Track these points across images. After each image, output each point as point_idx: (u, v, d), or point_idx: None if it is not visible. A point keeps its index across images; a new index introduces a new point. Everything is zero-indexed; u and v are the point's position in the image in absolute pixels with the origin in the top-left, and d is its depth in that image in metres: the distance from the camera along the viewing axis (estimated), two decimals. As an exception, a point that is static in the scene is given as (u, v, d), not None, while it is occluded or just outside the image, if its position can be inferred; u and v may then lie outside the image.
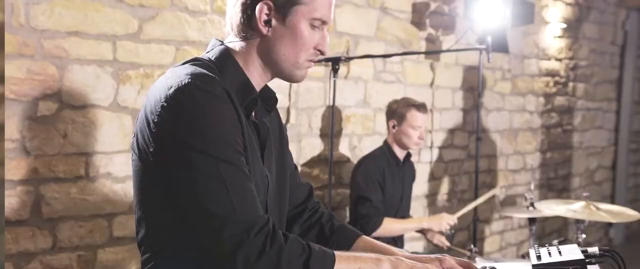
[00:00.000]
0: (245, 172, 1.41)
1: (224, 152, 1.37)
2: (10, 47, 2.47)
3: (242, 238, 1.34)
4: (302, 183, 1.86)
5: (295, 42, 1.51)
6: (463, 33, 4.18)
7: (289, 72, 1.56)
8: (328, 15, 1.54)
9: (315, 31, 1.53)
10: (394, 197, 3.42)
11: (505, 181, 5.36)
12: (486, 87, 5.02)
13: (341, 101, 3.80)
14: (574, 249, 1.62)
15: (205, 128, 1.37)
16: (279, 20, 1.50)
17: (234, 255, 1.34)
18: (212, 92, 1.40)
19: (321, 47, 1.55)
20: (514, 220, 5.44)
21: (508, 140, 5.37)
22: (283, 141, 1.74)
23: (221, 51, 1.55)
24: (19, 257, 2.55)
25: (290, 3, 1.49)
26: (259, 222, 1.37)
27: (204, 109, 1.38)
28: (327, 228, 1.77)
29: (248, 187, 1.39)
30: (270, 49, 1.53)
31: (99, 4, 2.70)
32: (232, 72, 1.52)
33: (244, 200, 1.37)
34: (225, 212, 1.35)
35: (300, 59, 1.53)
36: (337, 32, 3.74)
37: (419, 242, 4.42)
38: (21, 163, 2.53)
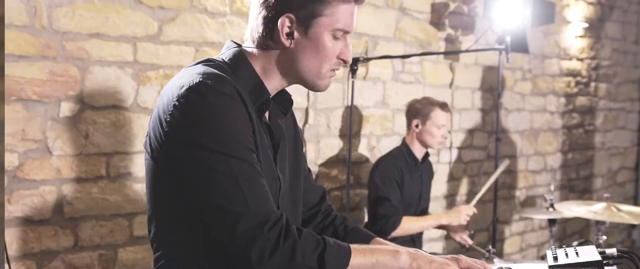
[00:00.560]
0: (257, 168, 1.42)
1: (235, 150, 1.39)
2: (33, 49, 2.51)
3: (255, 233, 1.36)
4: (316, 186, 1.87)
5: (317, 54, 1.51)
6: (482, 33, 4.15)
7: (312, 83, 1.57)
8: (350, 24, 1.53)
9: (338, 41, 1.53)
10: (412, 197, 3.42)
11: (526, 182, 5.33)
12: (506, 88, 4.99)
13: (360, 102, 3.81)
14: (591, 250, 1.61)
15: (216, 126, 1.38)
16: (301, 33, 1.51)
17: (249, 250, 1.36)
18: (223, 91, 1.41)
19: (344, 56, 1.55)
20: (534, 221, 5.39)
21: (528, 141, 5.33)
22: (298, 144, 1.75)
23: (235, 53, 1.56)
24: (41, 256, 2.59)
25: (312, 15, 1.49)
26: (273, 217, 1.38)
27: (215, 107, 1.39)
28: (340, 229, 1.78)
29: (260, 183, 1.41)
30: (292, 61, 1.53)
31: (119, 6, 2.73)
32: (246, 74, 1.53)
33: (257, 196, 1.39)
34: (238, 208, 1.37)
35: (323, 70, 1.54)
36: (355, 33, 3.74)
37: (438, 243, 4.41)
38: (44, 163, 2.58)
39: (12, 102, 2.48)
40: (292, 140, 1.72)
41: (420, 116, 3.38)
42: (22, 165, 2.53)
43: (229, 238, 1.37)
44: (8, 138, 2.48)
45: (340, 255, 1.42)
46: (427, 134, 3.36)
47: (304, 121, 3.54)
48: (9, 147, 2.49)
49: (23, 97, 2.50)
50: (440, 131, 3.36)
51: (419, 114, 3.38)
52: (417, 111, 3.40)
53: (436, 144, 3.40)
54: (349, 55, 1.56)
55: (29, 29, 2.50)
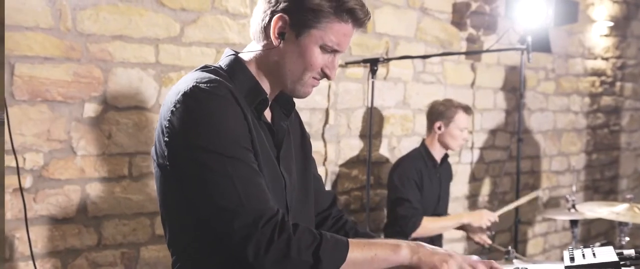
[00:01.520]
0: (253, 167, 1.44)
1: (230, 149, 1.41)
2: (58, 51, 2.56)
3: (250, 229, 1.38)
4: (326, 191, 1.89)
5: (302, 61, 1.53)
6: (503, 33, 4.13)
7: (291, 87, 1.58)
8: (341, 44, 1.54)
9: (326, 55, 1.55)
10: (431, 199, 3.41)
11: (549, 183, 5.28)
12: (529, 88, 4.95)
13: (380, 102, 3.81)
14: (609, 251, 1.60)
15: (210, 127, 1.41)
16: (292, 37, 1.52)
17: (245, 247, 1.38)
18: (216, 92, 1.44)
19: (328, 71, 1.57)
20: (557, 222, 5.35)
21: (552, 141, 5.28)
22: (305, 146, 1.77)
23: (231, 59, 1.60)
24: (66, 253, 2.65)
25: (305, 24, 1.51)
26: (267, 213, 1.40)
27: (209, 109, 1.42)
28: (350, 234, 1.79)
29: (255, 181, 1.43)
30: (279, 61, 1.55)
31: (142, 8, 2.77)
32: (242, 76, 1.56)
33: (252, 193, 1.41)
34: (233, 206, 1.39)
35: (304, 77, 1.55)
36: (376, 33, 3.75)
37: (459, 243, 4.40)
38: (68, 163, 2.63)
39: (38, 103, 2.53)
40: (299, 142, 1.74)
41: (443, 118, 3.37)
42: (47, 165, 2.58)
43: (227, 236, 1.40)
44: (33, 138, 2.53)
45: (336, 249, 1.43)
46: (449, 136, 3.36)
47: (324, 121, 3.55)
48: (35, 147, 2.54)
49: (48, 98, 2.56)
50: (462, 133, 3.36)
51: (442, 116, 3.38)
52: (440, 113, 3.39)
53: (457, 146, 3.40)
54: (333, 72, 1.57)
55: (54, 31, 2.55)
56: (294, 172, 1.67)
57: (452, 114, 3.36)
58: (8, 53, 2.44)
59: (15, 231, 2.51)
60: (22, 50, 2.48)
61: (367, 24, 1.59)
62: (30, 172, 2.54)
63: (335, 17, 1.51)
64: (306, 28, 1.50)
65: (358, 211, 3.75)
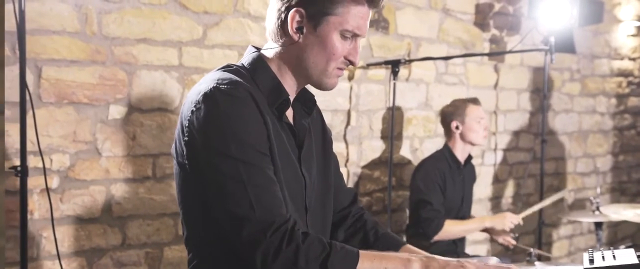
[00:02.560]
0: (268, 172, 1.44)
1: (244, 154, 1.42)
2: (84, 55, 2.62)
3: (259, 237, 1.38)
4: (347, 188, 1.88)
5: (324, 51, 1.52)
6: (526, 34, 4.11)
7: (317, 80, 1.57)
8: (361, 27, 1.54)
9: (347, 42, 1.54)
10: (454, 200, 3.40)
11: (574, 185, 5.22)
12: (554, 89, 4.91)
13: (402, 103, 3.81)
14: (630, 253, 1.59)
15: (228, 131, 1.42)
16: (310, 29, 1.52)
17: (253, 253, 1.39)
18: (235, 95, 1.44)
19: (351, 57, 1.55)
20: (583, 225, 5.29)
21: (577, 142, 5.23)
22: (326, 144, 1.76)
23: (253, 57, 1.60)
24: (91, 253, 2.70)
25: (321, 13, 1.50)
26: (277, 221, 1.40)
27: (227, 112, 1.43)
28: (371, 234, 1.78)
29: (268, 188, 1.43)
30: (300, 56, 1.55)
31: (165, 11, 2.82)
32: (264, 76, 1.56)
33: (263, 201, 1.41)
34: (244, 212, 1.40)
35: (329, 68, 1.54)
36: (398, 35, 3.75)
37: (483, 245, 4.37)
38: (93, 164, 2.68)
39: (64, 105, 2.59)
40: (320, 140, 1.74)
41: (456, 116, 3.37)
42: (73, 166, 2.63)
43: (237, 242, 1.41)
44: (60, 140, 2.59)
45: (345, 261, 1.41)
46: (469, 130, 3.35)
47: (346, 122, 3.57)
48: (61, 149, 2.60)
49: (74, 100, 2.61)
50: (480, 124, 3.35)
51: (455, 115, 3.38)
52: (452, 114, 3.40)
53: (481, 138, 3.38)
54: (356, 57, 1.56)
55: (80, 35, 2.61)
56: (315, 171, 1.67)
57: (462, 109, 3.37)
58: (35, 56, 2.50)
59: (43, 230, 2.56)
60: (49, 54, 2.53)
61: (381, 3, 1.57)
62: (56, 173, 2.60)
63: (350, 1, 1.51)
64: (323, 17, 1.50)
65: (380, 213, 3.75)
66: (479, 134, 3.35)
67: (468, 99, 3.42)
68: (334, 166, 1.82)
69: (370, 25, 3.56)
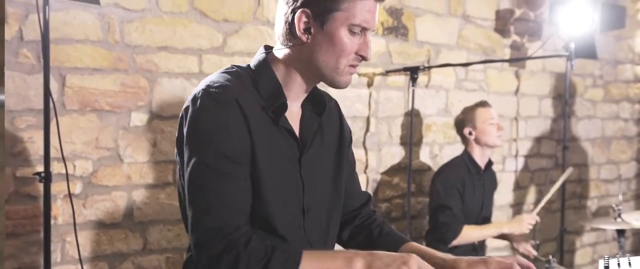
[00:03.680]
0: (235, 182, 1.46)
1: (216, 161, 1.44)
2: (106, 63, 2.67)
3: (205, 242, 1.43)
4: (361, 192, 1.87)
5: (334, 49, 1.51)
6: (546, 40, 4.09)
7: (330, 78, 1.56)
8: (369, 21, 1.53)
9: (356, 37, 1.53)
10: (474, 206, 3.40)
11: (598, 191, 5.17)
12: (576, 95, 4.87)
13: (422, 110, 3.82)
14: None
15: (206, 136, 1.46)
16: (318, 28, 1.51)
17: (199, 258, 1.45)
18: (221, 100, 1.46)
19: (363, 52, 1.54)
20: (607, 232, 5.22)
21: (600, 149, 5.17)
22: (341, 146, 1.74)
23: (260, 59, 1.61)
24: (113, 257, 2.74)
25: (327, 10, 1.50)
26: (225, 230, 1.43)
27: (208, 117, 1.46)
28: (375, 232, 1.78)
29: (229, 197, 1.45)
30: (311, 56, 1.54)
31: (186, 20, 2.86)
32: (265, 79, 1.57)
33: (219, 208, 1.44)
34: (198, 216, 1.45)
35: (340, 65, 1.53)
36: (417, 41, 3.76)
37: (504, 252, 4.34)
38: (115, 170, 2.73)
39: (87, 112, 2.64)
40: (336, 142, 1.73)
41: (467, 122, 3.40)
42: (95, 172, 2.68)
43: (190, 241, 1.47)
44: (83, 146, 2.64)
45: (287, 262, 1.43)
46: (482, 134, 3.36)
47: (365, 129, 3.58)
48: (84, 155, 2.65)
49: (97, 107, 2.66)
50: (492, 126, 3.36)
51: (466, 121, 3.40)
52: (462, 121, 3.43)
53: (496, 139, 3.38)
54: (368, 51, 1.55)
55: (103, 43, 2.66)
56: (322, 173, 1.66)
57: (472, 115, 3.39)
58: (59, 65, 2.55)
59: (66, 235, 2.61)
60: (73, 62, 2.59)
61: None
62: (79, 178, 2.65)
63: None
64: (329, 14, 1.50)
65: (399, 219, 3.75)
66: (492, 135, 3.36)
67: (476, 103, 3.43)
68: (350, 169, 1.81)
69: (389, 32, 3.61)
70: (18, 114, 2.48)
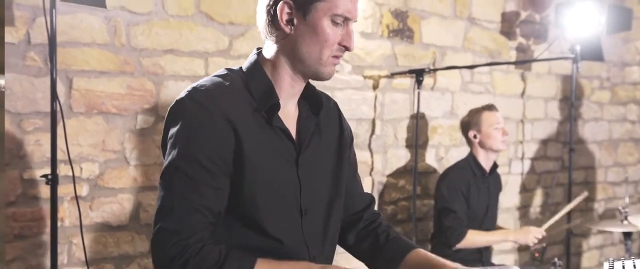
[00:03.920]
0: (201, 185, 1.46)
1: (188, 166, 1.45)
2: (113, 66, 2.68)
3: (161, 243, 1.44)
4: (363, 194, 1.85)
5: (317, 39, 1.51)
6: (552, 42, 4.08)
7: (314, 70, 1.55)
8: (351, 11, 1.52)
9: (339, 27, 1.52)
10: (479, 209, 3.39)
11: (605, 194, 5.15)
12: (583, 97, 4.86)
13: (428, 112, 3.82)
14: (651, 263, 1.58)
15: (182, 140, 1.47)
16: (301, 18, 1.51)
17: (153, 256, 1.47)
18: (203, 104, 1.47)
19: (345, 43, 1.54)
20: (614, 235, 5.21)
21: (607, 151, 5.16)
22: (341, 146, 1.73)
23: (252, 61, 1.61)
24: (119, 259, 2.76)
25: (309, 1, 1.49)
26: (183, 233, 1.43)
27: (188, 121, 1.47)
28: (382, 237, 1.75)
29: (193, 199, 1.45)
30: (294, 48, 1.54)
31: (192, 23, 2.88)
32: (257, 80, 1.56)
33: (181, 212, 1.45)
34: (161, 216, 1.46)
35: (323, 56, 1.53)
36: (423, 44, 3.76)
37: (510, 255, 4.34)
38: (122, 173, 2.74)
39: (94, 115, 2.66)
40: (336, 142, 1.72)
41: (472, 125, 3.40)
42: (102, 174, 2.70)
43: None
44: (89, 149, 2.66)
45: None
46: (487, 137, 3.36)
47: (370, 131, 3.58)
48: (91, 157, 2.67)
49: (103, 110, 2.68)
50: (497, 130, 3.36)
51: (471, 124, 3.41)
52: (468, 123, 3.43)
53: (500, 143, 3.38)
54: (351, 42, 1.54)
55: (109, 46, 2.68)
56: (321, 173, 1.66)
57: (477, 118, 3.39)
58: (66, 68, 2.57)
59: (72, 237, 2.63)
60: (79, 65, 2.61)
61: None
62: (86, 181, 2.66)
63: None
64: (312, 4, 1.49)
65: (405, 222, 3.75)
66: (497, 139, 3.36)
67: (483, 106, 3.43)
68: (351, 169, 1.79)
69: (395, 35, 3.61)
70: (25, 116, 2.50)
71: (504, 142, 3.40)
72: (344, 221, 1.79)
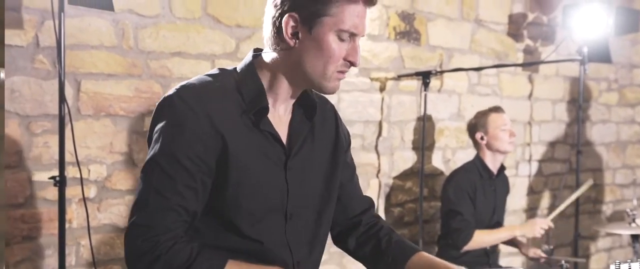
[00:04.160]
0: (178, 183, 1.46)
1: (167, 163, 1.45)
2: (120, 68, 2.70)
3: (133, 237, 1.45)
4: (362, 196, 1.84)
5: (321, 54, 1.49)
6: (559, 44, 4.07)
7: (318, 84, 1.54)
8: (358, 26, 1.50)
9: (344, 42, 1.50)
10: (486, 211, 3.39)
11: (613, 196, 5.13)
12: (591, 99, 4.84)
13: (434, 114, 3.82)
14: (657, 266, 1.58)
15: (165, 137, 1.46)
16: (306, 32, 1.49)
17: (125, 249, 1.48)
18: (185, 102, 1.47)
19: (351, 58, 1.51)
20: (622, 237, 5.18)
21: (615, 153, 5.14)
22: (337, 151, 1.71)
23: (247, 62, 1.59)
24: (127, 261, 2.77)
25: (315, 15, 1.47)
26: (155, 230, 1.43)
27: (171, 119, 1.47)
28: (384, 241, 1.73)
29: (168, 197, 1.45)
30: (298, 61, 1.51)
31: (199, 26, 2.89)
32: (249, 83, 1.55)
33: (155, 209, 1.45)
34: (136, 210, 1.47)
35: (328, 71, 1.51)
36: (429, 46, 3.77)
37: (517, 257, 4.33)
38: (129, 175, 2.76)
39: (102, 117, 2.68)
40: (330, 146, 1.70)
41: (479, 127, 3.40)
42: (110, 176, 2.71)
43: None
44: (97, 151, 2.67)
45: None
46: (494, 139, 3.36)
47: (377, 133, 3.59)
48: (98, 160, 2.68)
49: (111, 112, 2.69)
50: (504, 132, 3.36)
51: (478, 126, 3.41)
52: (475, 125, 3.43)
53: (507, 145, 3.38)
54: (356, 57, 1.52)
55: (117, 49, 2.69)
56: (312, 178, 1.64)
57: (484, 120, 3.39)
58: (74, 70, 2.59)
59: (80, 238, 2.65)
60: (87, 68, 2.62)
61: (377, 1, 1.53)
62: (94, 183, 2.68)
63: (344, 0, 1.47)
64: (317, 19, 1.47)
65: (412, 224, 3.75)
66: (504, 141, 3.36)
67: (490, 108, 3.43)
68: (349, 173, 1.78)
69: (401, 37, 3.62)
70: (34, 119, 2.52)
71: (511, 144, 3.40)
72: (343, 225, 1.78)
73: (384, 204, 3.66)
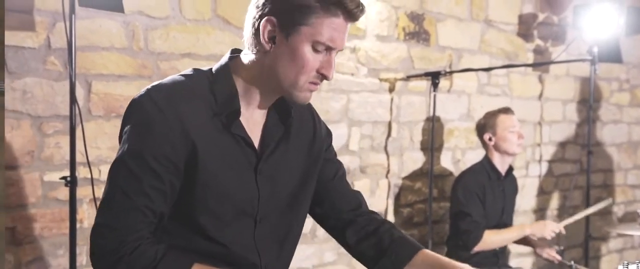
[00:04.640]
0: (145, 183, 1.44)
1: (136, 165, 1.43)
2: (131, 70, 2.72)
3: (96, 240, 1.44)
4: (351, 192, 1.79)
5: (295, 63, 1.46)
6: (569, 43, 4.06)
7: (288, 92, 1.51)
8: (335, 40, 1.46)
9: (320, 54, 1.47)
10: (494, 212, 3.38)
11: (624, 197, 5.10)
12: (602, 99, 4.82)
13: (444, 115, 3.81)
14: (666, 267, 1.57)
15: (134, 138, 1.45)
16: (283, 38, 1.46)
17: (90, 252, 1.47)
18: (155, 101, 1.45)
19: (324, 71, 1.48)
20: (634, 238, 5.16)
21: (627, 154, 5.11)
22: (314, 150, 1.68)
23: (222, 63, 1.57)
24: (137, 260, 2.79)
25: (294, 23, 1.44)
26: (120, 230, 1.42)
27: (140, 120, 1.45)
28: (385, 238, 1.69)
29: (134, 197, 1.43)
30: (272, 66, 1.48)
31: (209, 27, 2.91)
32: (223, 84, 1.52)
33: (122, 211, 1.43)
34: (101, 210, 1.45)
35: (299, 81, 1.48)
36: (439, 46, 3.77)
37: (528, 258, 4.31)
38: (139, 175, 2.77)
39: (112, 118, 2.70)
40: (306, 149, 1.67)
41: (488, 128, 3.38)
42: (120, 176, 2.73)
43: None
44: (108, 151, 2.70)
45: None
46: (502, 141, 3.35)
47: (386, 134, 3.59)
48: (109, 160, 2.70)
49: (121, 113, 2.68)
50: (512, 134, 3.34)
51: (487, 127, 3.39)
52: (483, 126, 3.42)
53: (515, 147, 3.36)
54: (330, 71, 1.49)
55: (127, 51, 2.71)
56: (286, 181, 1.62)
57: (493, 121, 3.38)
58: (85, 72, 2.61)
59: (91, 238, 2.66)
60: (98, 69, 2.65)
61: (361, 16, 1.49)
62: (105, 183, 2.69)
63: (324, 11, 1.43)
64: (295, 27, 1.44)
65: (421, 224, 3.75)
66: (512, 143, 3.34)
67: (499, 109, 3.42)
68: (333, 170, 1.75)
69: (411, 38, 3.62)
70: (45, 119, 2.55)
71: (520, 146, 3.39)
72: (336, 222, 1.75)
73: (394, 205, 3.66)
